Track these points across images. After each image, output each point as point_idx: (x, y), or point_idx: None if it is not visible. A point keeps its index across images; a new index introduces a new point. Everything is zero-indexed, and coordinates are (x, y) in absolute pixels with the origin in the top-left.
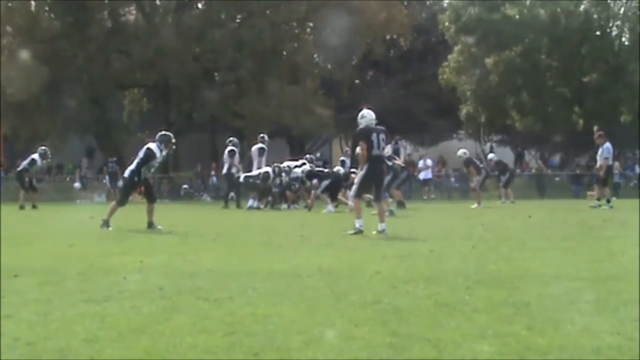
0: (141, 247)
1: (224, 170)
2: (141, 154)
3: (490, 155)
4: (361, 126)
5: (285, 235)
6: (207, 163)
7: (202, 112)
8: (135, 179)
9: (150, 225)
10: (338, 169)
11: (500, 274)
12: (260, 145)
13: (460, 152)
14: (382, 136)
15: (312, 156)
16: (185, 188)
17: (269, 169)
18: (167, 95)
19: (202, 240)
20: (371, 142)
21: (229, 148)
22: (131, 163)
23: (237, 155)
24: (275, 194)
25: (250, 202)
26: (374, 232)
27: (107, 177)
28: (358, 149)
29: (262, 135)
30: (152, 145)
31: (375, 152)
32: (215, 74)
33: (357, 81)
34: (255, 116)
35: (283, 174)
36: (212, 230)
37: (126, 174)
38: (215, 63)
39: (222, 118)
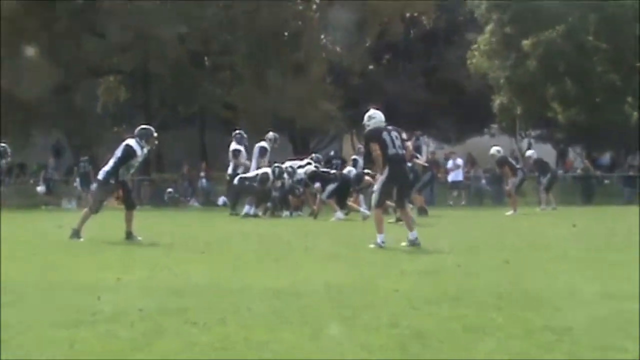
0: (118, 261)
1: (229, 171)
2: (119, 152)
3: (529, 152)
4: (369, 128)
5: (286, 247)
6: (195, 162)
7: (189, 103)
8: (112, 181)
9: (129, 235)
10: (349, 169)
11: (538, 292)
12: (262, 143)
13: (493, 150)
14: (394, 134)
15: (318, 155)
16: (169, 192)
17: (268, 170)
18: (148, 83)
19: (189, 252)
20: (384, 142)
21: (233, 146)
22: (106, 163)
23: (242, 154)
24: (275, 198)
25: (246, 208)
26: (404, 244)
27: (77, 180)
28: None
29: (269, 131)
30: (132, 142)
31: (391, 151)
32: (205, 58)
33: (370, 67)
34: (250, 108)
35: (285, 176)
36: (200, 241)
37: (100, 175)
38: (205, 46)
39: (213, 110)
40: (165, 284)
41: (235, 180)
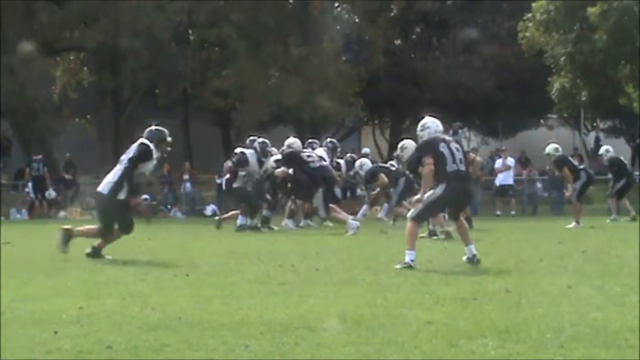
0: (81, 285)
1: (223, 183)
2: (131, 152)
3: (603, 149)
4: (423, 139)
5: (292, 268)
6: (178, 162)
7: (169, 88)
8: (121, 196)
9: (95, 252)
10: (361, 163)
11: (607, 325)
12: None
13: (550, 148)
14: (454, 146)
15: (333, 140)
16: (145, 199)
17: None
18: (117, 62)
19: (169, 275)
20: (442, 156)
21: (240, 154)
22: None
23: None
24: (270, 202)
25: (240, 220)
26: (464, 258)
27: (30, 185)
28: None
29: (251, 138)
30: (147, 141)
31: (451, 167)
32: (189, 31)
33: (397, 42)
34: (246, 93)
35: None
36: (184, 260)
37: (105, 189)
38: (189, 16)
39: (198, 96)
40: (139, 315)
41: (224, 186)
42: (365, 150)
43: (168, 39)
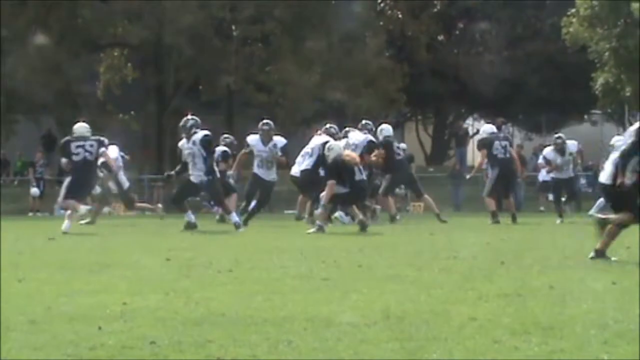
0: (124, 281)
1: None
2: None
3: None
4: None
5: (334, 264)
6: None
7: (213, 84)
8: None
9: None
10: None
11: None
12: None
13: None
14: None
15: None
16: None
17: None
18: (161, 59)
19: (212, 272)
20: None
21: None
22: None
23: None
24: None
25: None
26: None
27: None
28: None
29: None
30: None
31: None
32: (233, 27)
33: (440, 37)
34: (289, 89)
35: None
36: (228, 257)
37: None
38: (232, 12)
39: (243, 92)
40: (182, 311)
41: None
42: (402, 145)
43: (211, 35)
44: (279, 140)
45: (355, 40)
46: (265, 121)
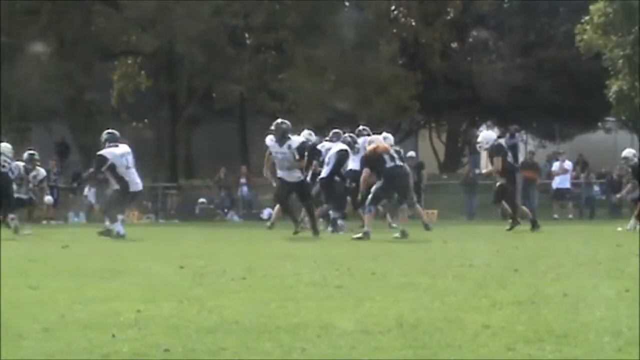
0: (138, 289)
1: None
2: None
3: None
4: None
5: (348, 271)
6: (234, 166)
7: (226, 92)
8: None
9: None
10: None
11: None
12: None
13: (628, 152)
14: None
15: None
16: (202, 203)
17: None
18: (174, 67)
19: (226, 279)
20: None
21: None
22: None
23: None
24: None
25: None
26: None
27: (88, 187)
28: None
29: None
30: None
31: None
32: (246, 35)
33: (453, 45)
34: (302, 97)
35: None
36: (241, 264)
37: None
38: (245, 19)
39: (255, 100)
40: (196, 319)
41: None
42: (411, 153)
43: (224, 42)
44: (294, 141)
45: (367, 47)
46: (280, 120)
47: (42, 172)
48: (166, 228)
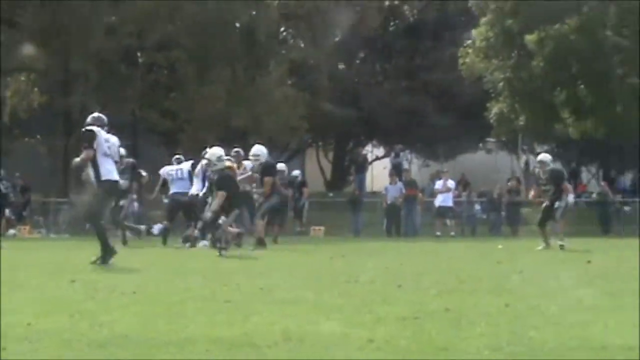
0: (29, 303)
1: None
2: None
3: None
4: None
5: (236, 287)
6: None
7: (119, 109)
8: None
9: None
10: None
11: (544, 344)
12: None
13: (544, 156)
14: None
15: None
16: None
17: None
18: (68, 83)
19: (116, 294)
20: None
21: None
22: None
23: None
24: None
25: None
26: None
27: None
28: None
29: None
30: None
31: None
32: (138, 54)
33: (341, 66)
34: (194, 115)
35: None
36: (131, 279)
37: None
38: (139, 38)
39: (147, 118)
40: (88, 333)
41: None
42: (295, 172)
43: (117, 61)
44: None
45: (258, 68)
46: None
47: None
48: (57, 243)
